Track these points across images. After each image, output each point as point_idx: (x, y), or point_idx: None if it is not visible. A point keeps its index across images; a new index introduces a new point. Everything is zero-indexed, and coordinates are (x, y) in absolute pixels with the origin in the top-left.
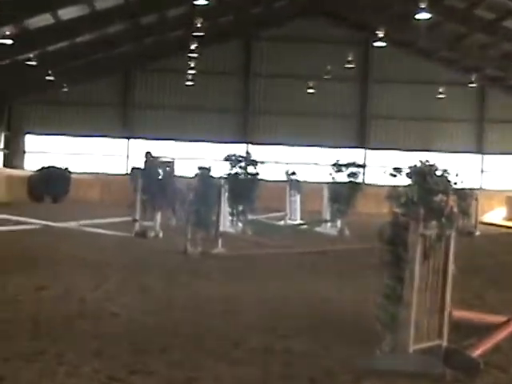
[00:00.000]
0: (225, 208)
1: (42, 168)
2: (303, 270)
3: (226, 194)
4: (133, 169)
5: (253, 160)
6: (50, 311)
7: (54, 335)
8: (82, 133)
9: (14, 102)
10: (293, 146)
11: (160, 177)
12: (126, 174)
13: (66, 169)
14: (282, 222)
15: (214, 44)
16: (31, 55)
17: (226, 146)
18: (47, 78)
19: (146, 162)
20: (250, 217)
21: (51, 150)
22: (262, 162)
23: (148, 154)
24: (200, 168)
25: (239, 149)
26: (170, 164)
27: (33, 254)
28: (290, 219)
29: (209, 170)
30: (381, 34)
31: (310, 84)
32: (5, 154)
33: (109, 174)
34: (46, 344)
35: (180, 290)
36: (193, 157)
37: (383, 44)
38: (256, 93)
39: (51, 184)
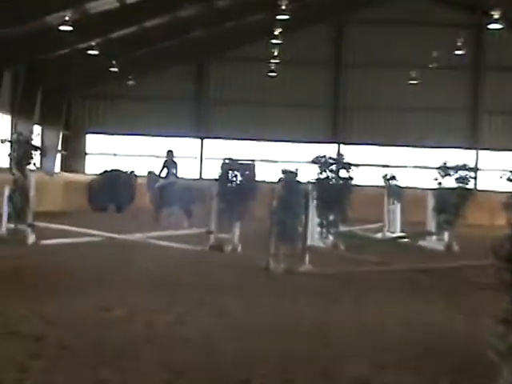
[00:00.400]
0: (313, 218)
1: (105, 172)
2: (404, 291)
3: (315, 201)
4: (149, 173)
5: (345, 162)
6: (114, 336)
7: (118, 363)
8: (150, 132)
9: (73, 96)
10: (392, 146)
11: (238, 182)
12: (200, 178)
13: (132, 173)
14: (379, 235)
15: (300, 29)
16: (93, 43)
17: (313, 147)
18: (111, 69)
19: (166, 161)
20: (342, 228)
21: (115, 152)
22: (356, 165)
23: (170, 152)
24: (284, 172)
25: (329, 149)
26: (250, 167)
27: (94, 271)
28: (388, 231)
29: (294, 174)
30: (496, 15)
31: (413, 74)
32: (63, 156)
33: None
34: (109, 373)
35: (262, 313)
36: (276, 159)
37: (499, 26)
38: (348, 85)
39: (115, 190)
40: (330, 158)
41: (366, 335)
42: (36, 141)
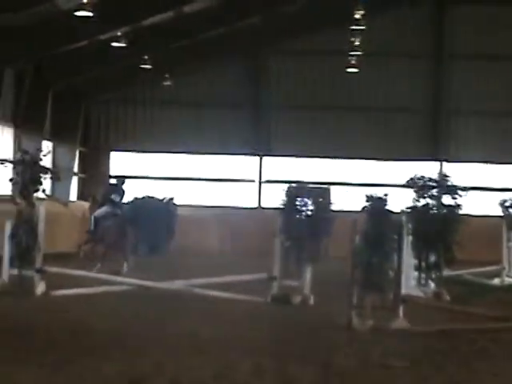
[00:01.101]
0: (408, 259)
1: (135, 200)
2: None
3: (410, 237)
4: (111, 185)
5: (451, 185)
6: None
7: None
8: (193, 148)
9: (92, 103)
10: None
11: (309, 212)
12: (259, 207)
13: (171, 201)
14: (496, 281)
15: (388, 11)
16: (119, 33)
17: (408, 165)
18: (142, 65)
19: (112, 186)
20: (446, 273)
21: (148, 174)
22: (465, 189)
23: (120, 179)
24: (370, 198)
25: (429, 168)
26: (324, 193)
27: (121, 330)
28: (508, 275)
29: (383, 201)
30: None
31: None
32: (80, 180)
33: (233, 209)
34: None
35: None
36: (358, 181)
37: None
38: (453, 83)
39: (148, 224)
40: (430, 179)
41: None
42: (46, 161)
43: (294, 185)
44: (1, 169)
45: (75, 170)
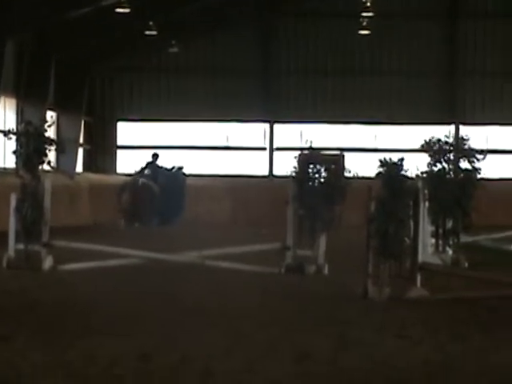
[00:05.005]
0: (425, 226)
1: (143, 170)
2: None
3: (427, 203)
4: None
5: (468, 149)
6: None
7: None
8: (202, 116)
9: (97, 71)
10: None
11: (322, 179)
12: (270, 175)
13: (180, 170)
14: None
15: None
16: None
17: (423, 129)
18: (147, 32)
19: (148, 165)
20: (464, 239)
21: (156, 143)
22: (482, 152)
23: (155, 155)
24: (384, 163)
25: (445, 132)
26: (337, 159)
27: (130, 304)
28: None
29: (398, 166)
30: None
31: None
32: (86, 151)
33: (244, 177)
34: None
35: (358, 356)
36: (372, 146)
37: None
38: (469, 43)
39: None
40: (446, 142)
41: None
42: (50, 132)
43: (306, 152)
44: (5, 141)
45: (81, 140)
